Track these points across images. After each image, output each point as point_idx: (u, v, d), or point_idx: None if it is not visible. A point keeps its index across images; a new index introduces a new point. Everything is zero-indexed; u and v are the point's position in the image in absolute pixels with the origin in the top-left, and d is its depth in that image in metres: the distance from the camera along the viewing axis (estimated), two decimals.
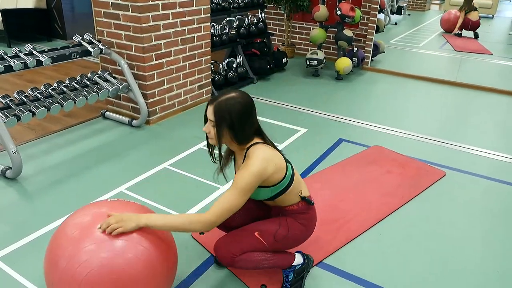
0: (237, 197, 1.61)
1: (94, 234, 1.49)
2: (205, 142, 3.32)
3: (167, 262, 1.60)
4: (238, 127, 1.67)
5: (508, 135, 3.81)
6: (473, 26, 7.93)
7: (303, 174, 2.94)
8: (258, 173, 1.62)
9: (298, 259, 1.87)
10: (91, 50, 3.34)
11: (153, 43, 3.50)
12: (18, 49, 3.00)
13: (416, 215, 2.54)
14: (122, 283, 1.45)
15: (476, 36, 7.92)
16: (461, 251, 2.26)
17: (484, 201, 2.73)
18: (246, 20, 5.04)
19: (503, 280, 2.06)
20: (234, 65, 4.74)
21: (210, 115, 1.66)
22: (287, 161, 1.80)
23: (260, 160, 1.65)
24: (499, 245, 2.33)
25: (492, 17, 10.22)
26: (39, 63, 3.00)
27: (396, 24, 8.96)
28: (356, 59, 5.29)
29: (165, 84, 3.75)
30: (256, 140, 1.75)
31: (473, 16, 7.85)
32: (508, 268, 2.15)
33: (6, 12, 6.22)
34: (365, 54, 5.53)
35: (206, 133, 1.73)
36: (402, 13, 9.62)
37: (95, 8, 3.55)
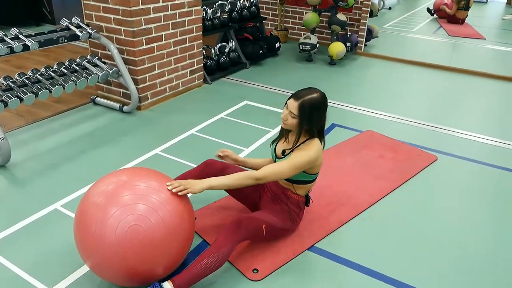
0: (287, 168, 1.91)
1: (119, 201, 1.62)
2: (197, 128, 3.33)
3: (186, 226, 1.74)
4: (313, 124, 1.94)
5: (499, 119, 3.82)
6: (455, 21, 7.81)
7: None
8: (312, 159, 1.93)
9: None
10: (79, 34, 3.27)
11: (143, 27, 3.43)
12: (3, 33, 2.93)
13: (408, 199, 2.55)
14: (147, 244, 1.60)
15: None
16: (452, 234, 2.28)
17: (475, 185, 2.75)
18: (238, 4, 4.96)
19: (493, 262, 2.08)
20: (226, 50, 4.68)
21: (294, 109, 1.89)
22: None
23: (316, 151, 1.94)
24: (489, 227, 2.35)
25: (486, 2, 10.17)
26: (25, 47, 2.93)
27: (390, 8, 8.87)
28: (350, 43, 5.24)
29: (156, 69, 3.69)
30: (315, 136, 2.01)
31: (462, 15, 7.74)
32: (498, 250, 2.17)
33: None
34: (359, 38, 5.48)
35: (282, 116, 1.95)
36: None
37: None
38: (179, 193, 1.73)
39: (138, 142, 3.13)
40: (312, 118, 1.91)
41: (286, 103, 1.94)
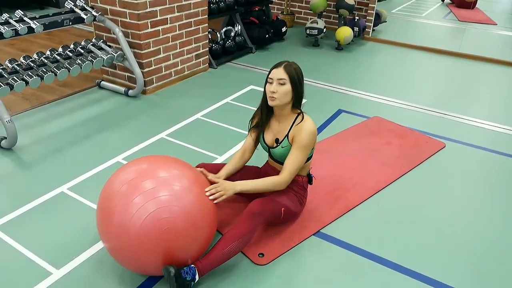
0: (302, 155, 1.94)
1: (141, 189, 1.61)
2: (202, 113, 3.31)
3: (208, 215, 1.73)
4: (300, 89, 1.94)
5: (508, 106, 3.76)
6: (465, 6, 7.65)
7: None
8: (314, 131, 1.94)
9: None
10: (84, 17, 3.24)
11: (148, 9, 3.39)
12: (8, 16, 2.90)
13: (414, 186, 2.53)
14: (170, 232, 1.59)
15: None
16: (459, 222, 2.26)
17: (483, 172, 2.72)
18: None
19: (500, 249, 2.07)
20: (232, 33, 4.62)
21: (282, 74, 1.88)
22: None
23: (313, 123, 1.96)
24: (497, 215, 2.33)
25: None
26: (30, 30, 2.91)
27: None
28: (357, 28, 5.16)
29: (161, 53, 3.66)
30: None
31: None
32: (505, 237, 2.15)
33: None
34: (367, 23, 5.40)
35: (269, 93, 1.92)
36: None
37: None
38: (215, 201, 1.78)
39: (143, 127, 3.12)
40: (300, 81, 1.92)
41: (268, 78, 1.93)
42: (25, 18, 2.95)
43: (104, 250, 1.94)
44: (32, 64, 2.95)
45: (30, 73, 2.86)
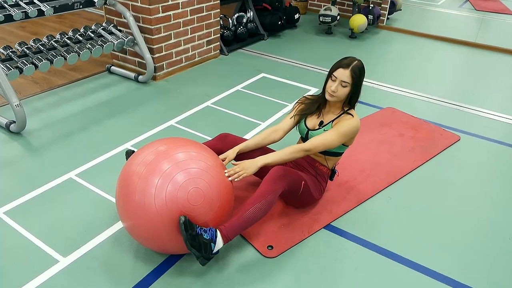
0: (335, 138, 1.96)
1: (160, 171, 1.63)
2: (213, 100, 3.27)
3: (225, 196, 1.74)
4: (358, 92, 2.01)
5: None
6: None
7: None
8: (357, 127, 2.00)
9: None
10: (95, 0, 3.19)
11: None
12: None
13: (428, 180, 2.48)
14: (187, 212, 1.61)
15: None
16: (472, 217, 2.21)
17: (498, 167, 2.65)
18: None
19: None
20: (244, 20, 4.54)
21: (347, 77, 1.92)
22: None
23: (358, 119, 2.02)
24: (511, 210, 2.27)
25: None
26: (40, 12, 2.87)
27: None
28: (372, 16, 5.04)
29: (172, 38, 3.61)
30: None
31: None
32: None
33: None
34: (381, 11, 5.27)
35: (329, 89, 1.96)
36: None
37: None
38: (236, 180, 1.79)
39: (153, 113, 3.09)
40: (361, 83, 1.99)
41: (331, 75, 1.94)
42: (35, 1, 2.90)
43: (112, 237, 1.93)
44: (42, 48, 2.92)
45: (39, 57, 2.83)
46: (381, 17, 5.28)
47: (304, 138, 2.10)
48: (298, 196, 2.00)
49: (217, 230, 1.68)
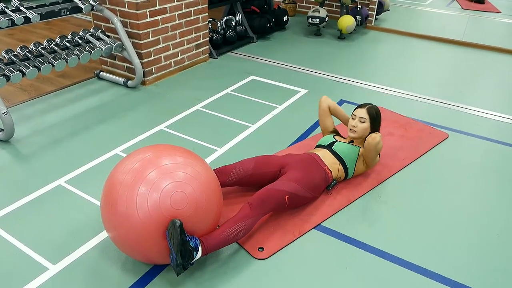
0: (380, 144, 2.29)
1: (145, 178, 1.61)
2: (202, 104, 3.27)
3: (213, 199, 1.73)
4: (377, 127, 2.39)
5: None
6: None
7: (303, 135, 2.87)
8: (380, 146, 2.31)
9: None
10: (82, 6, 3.18)
11: None
12: (4, 5, 2.85)
13: (417, 178, 2.50)
14: (172, 216, 1.59)
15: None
16: (462, 213, 2.23)
17: (487, 163, 2.68)
18: None
19: (504, 242, 2.04)
20: (233, 23, 4.55)
21: (364, 114, 2.34)
22: None
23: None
24: (501, 207, 2.29)
25: None
26: (27, 20, 2.86)
27: None
28: (360, 17, 5.08)
29: (161, 43, 3.61)
30: None
31: None
32: (509, 230, 2.12)
33: None
34: (369, 12, 5.31)
35: (350, 126, 2.39)
36: None
37: None
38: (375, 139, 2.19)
39: (142, 118, 3.09)
40: (378, 121, 2.36)
41: (352, 115, 2.37)
42: (22, 8, 2.89)
43: (101, 244, 1.92)
44: (29, 55, 2.91)
45: (26, 64, 2.81)
46: (369, 18, 5.32)
47: (329, 147, 2.34)
48: (286, 207, 2.05)
49: (200, 240, 1.67)
